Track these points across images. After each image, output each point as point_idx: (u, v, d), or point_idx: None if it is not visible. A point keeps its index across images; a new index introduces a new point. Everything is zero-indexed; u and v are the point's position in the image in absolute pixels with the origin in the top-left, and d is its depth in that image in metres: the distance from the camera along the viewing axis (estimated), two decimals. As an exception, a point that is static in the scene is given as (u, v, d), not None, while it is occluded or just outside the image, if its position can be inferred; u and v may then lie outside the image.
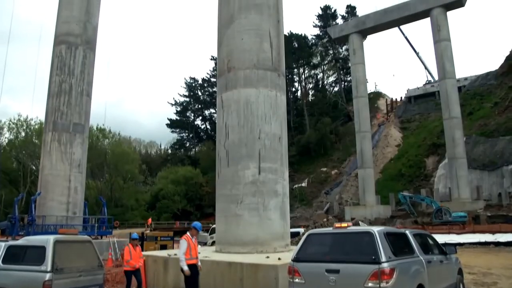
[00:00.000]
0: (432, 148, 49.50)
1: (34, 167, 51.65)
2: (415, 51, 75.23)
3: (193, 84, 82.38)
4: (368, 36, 48.23)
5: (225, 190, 9.61)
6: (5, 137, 56.10)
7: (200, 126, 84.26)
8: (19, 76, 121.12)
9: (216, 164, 10.10)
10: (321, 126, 62.22)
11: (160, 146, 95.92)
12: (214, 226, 18.68)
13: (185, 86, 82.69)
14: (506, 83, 49.57)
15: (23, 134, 54.48)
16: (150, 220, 30.36)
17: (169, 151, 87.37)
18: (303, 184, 57.46)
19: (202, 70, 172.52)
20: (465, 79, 61.03)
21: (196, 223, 7.31)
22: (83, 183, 23.61)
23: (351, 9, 76.59)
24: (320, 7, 79.26)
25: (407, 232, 6.52)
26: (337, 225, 5.96)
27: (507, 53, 53.69)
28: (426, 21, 41.94)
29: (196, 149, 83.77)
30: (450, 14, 40.74)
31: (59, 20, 24.16)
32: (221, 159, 9.95)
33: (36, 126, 52.31)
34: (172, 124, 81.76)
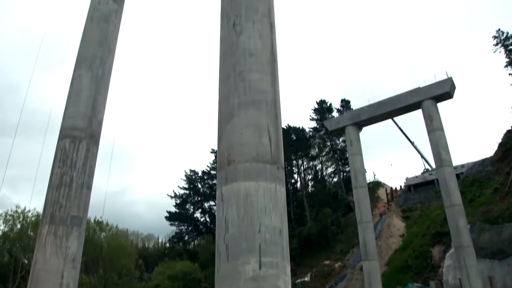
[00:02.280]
0: (436, 237, 48.26)
1: (26, 261, 49.80)
2: (410, 141, 77.20)
3: (193, 177, 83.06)
4: (364, 128, 49.81)
5: (225, 286, 9.16)
6: (0, 230, 54.98)
7: (199, 219, 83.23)
8: (21, 167, 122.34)
9: (215, 259, 9.77)
10: (322, 217, 61.41)
11: (158, 239, 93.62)
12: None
13: (185, 178, 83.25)
14: (503, 169, 50.08)
15: (18, 226, 53.45)
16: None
17: (167, 244, 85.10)
18: (306, 279, 54.91)
19: (202, 162, 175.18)
20: (462, 166, 61.76)
21: None
22: (77, 278, 22.52)
23: (345, 103, 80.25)
24: (316, 101, 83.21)
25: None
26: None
27: (499, 140, 55.13)
28: (419, 112, 43.66)
29: (195, 242, 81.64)
30: (441, 104, 42.57)
31: (65, 115, 25.11)
32: (220, 253, 9.65)
33: (33, 218, 51.54)
34: (171, 217, 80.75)
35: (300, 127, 78.85)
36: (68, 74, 20.31)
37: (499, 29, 61.94)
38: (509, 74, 60.96)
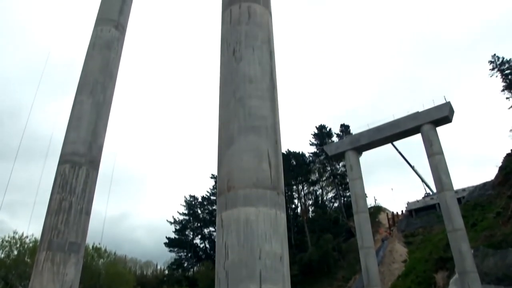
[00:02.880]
0: (440, 263, 47.52)
1: (21, 289, 48.92)
2: (410, 165, 77.13)
3: (193, 202, 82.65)
4: (364, 152, 49.87)
5: (225, 315, 8.97)
6: (-4, 257, 54.11)
7: (199, 245, 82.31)
8: (20, 192, 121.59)
9: (215, 286, 9.60)
10: (323, 243, 60.72)
11: (157, 266, 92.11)
12: None
13: (184, 204, 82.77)
14: (504, 193, 49.81)
15: (15, 252, 52.66)
16: None
17: (166, 271, 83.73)
18: (308, 306, 53.75)
19: (202, 188, 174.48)
20: (463, 190, 61.50)
21: None
22: (73, 307, 22.08)
23: (345, 128, 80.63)
24: (316, 126, 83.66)
25: None
26: None
27: (499, 163, 55.07)
28: (419, 135, 43.77)
29: (195, 269, 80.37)
30: (440, 128, 42.73)
31: (66, 141, 25.15)
32: (220, 280, 9.49)
33: (31, 245, 50.86)
34: (170, 243, 79.86)
35: (300, 152, 79.05)
36: (69, 100, 20.47)
37: (494, 54, 63.14)
38: (507, 98, 61.64)
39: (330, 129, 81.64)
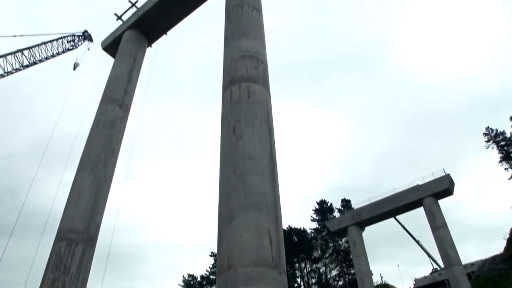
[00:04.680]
0: None
1: None
2: (415, 239, 75.12)
3: (192, 282, 79.40)
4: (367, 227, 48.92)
5: None
6: None
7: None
8: (13, 270, 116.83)
9: None
10: (329, 325, 57.11)
11: None
12: None
13: (183, 284, 79.40)
14: (517, 268, 47.85)
15: None
16: None
17: None
18: None
19: (201, 266, 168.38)
20: (472, 264, 59.31)
21: None
22: None
23: (346, 203, 79.86)
24: (317, 202, 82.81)
25: None
26: None
27: (507, 235, 53.59)
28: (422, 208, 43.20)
29: None
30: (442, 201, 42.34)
31: (64, 217, 24.77)
32: None
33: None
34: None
35: (302, 228, 77.53)
36: (70, 175, 20.50)
37: (488, 127, 64.53)
38: (505, 169, 61.85)
39: (331, 204, 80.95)
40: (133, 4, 24.76)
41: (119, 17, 25.49)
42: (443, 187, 41.31)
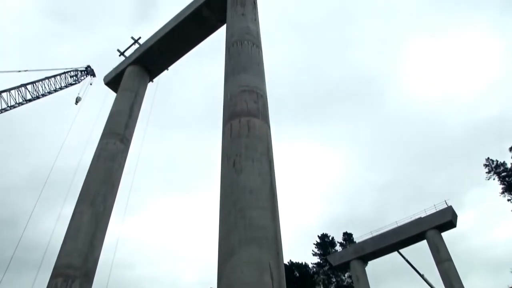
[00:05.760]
0: None
1: None
2: (419, 274, 73.52)
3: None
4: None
5: None
6: None
7: None
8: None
9: None
10: None
11: None
12: None
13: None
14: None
15: None
16: None
17: None
18: None
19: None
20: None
21: None
22: None
23: (348, 236, 78.80)
24: (318, 235, 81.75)
25: None
26: None
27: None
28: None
29: None
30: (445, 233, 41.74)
31: (61, 252, 24.31)
32: None
33: None
34: None
35: (303, 263, 76.06)
36: (69, 209, 20.30)
37: (488, 158, 64.24)
38: (508, 200, 61.23)
39: (332, 238, 79.82)
40: (136, 41, 25.40)
41: (122, 53, 26.10)
42: (446, 219, 40.87)
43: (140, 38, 25.45)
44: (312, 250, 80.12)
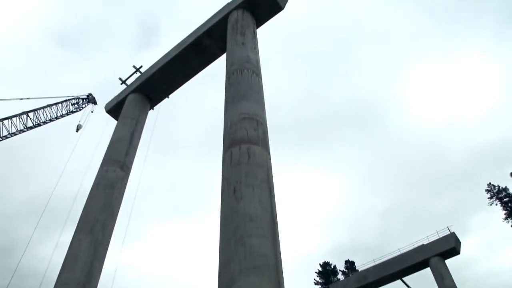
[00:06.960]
0: None
1: None
2: (424, 303, 72.02)
3: None
4: None
5: None
6: None
7: None
8: None
9: None
10: None
11: None
12: None
13: None
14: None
15: None
16: None
17: None
18: None
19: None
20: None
21: None
22: None
23: (350, 264, 77.53)
24: (320, 264, 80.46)
25: None
26: None
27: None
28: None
29: None
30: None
31: (58, 282, 23.85)
32: None
33: None
34: None
35: (306, 290, 74.63)
36: (68, 236, 20.04)
37: (489, 183, 63.69)
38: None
39: (334, 266, 78.53)
40: (137, 69, 25.78)
41: (123, 82, 26.43)
42: (449, 246, 40.26)
43: (141, 66, 25.83)
44: (314, 279, 78.62)
